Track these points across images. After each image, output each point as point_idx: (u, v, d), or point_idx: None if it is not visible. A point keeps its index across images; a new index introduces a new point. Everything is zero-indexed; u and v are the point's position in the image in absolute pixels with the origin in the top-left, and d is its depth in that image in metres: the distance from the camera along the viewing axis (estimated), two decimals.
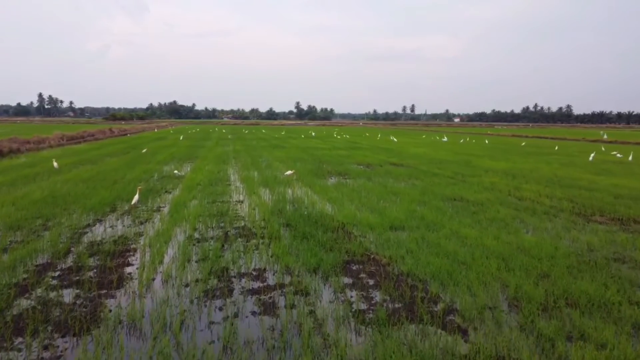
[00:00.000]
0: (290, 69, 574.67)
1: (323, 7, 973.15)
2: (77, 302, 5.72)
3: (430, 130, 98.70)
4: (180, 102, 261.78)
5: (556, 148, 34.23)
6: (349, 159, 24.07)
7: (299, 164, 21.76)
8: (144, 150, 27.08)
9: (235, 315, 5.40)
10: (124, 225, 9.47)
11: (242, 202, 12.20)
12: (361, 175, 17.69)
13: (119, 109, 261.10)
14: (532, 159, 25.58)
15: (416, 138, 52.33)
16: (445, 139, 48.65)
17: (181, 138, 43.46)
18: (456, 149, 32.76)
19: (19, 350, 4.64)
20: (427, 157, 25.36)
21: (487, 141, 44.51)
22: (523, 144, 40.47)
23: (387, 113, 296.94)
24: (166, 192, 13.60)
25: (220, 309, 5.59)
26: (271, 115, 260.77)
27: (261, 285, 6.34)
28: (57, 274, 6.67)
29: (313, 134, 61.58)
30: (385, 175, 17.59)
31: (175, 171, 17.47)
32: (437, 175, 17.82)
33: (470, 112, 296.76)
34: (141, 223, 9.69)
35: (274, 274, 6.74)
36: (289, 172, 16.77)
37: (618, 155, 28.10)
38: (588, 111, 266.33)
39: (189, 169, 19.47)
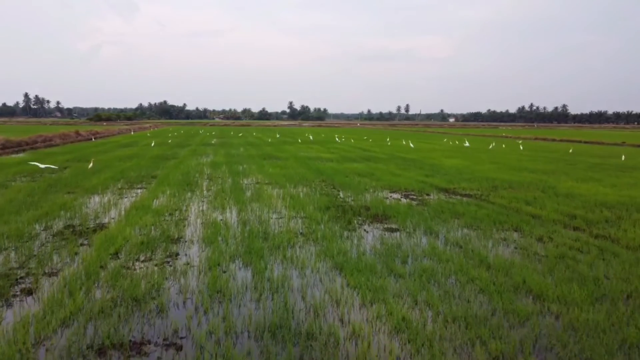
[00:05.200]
0: (283, 69, 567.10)
1: (316, 7, 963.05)
2: None
3: (433, 131, 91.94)
4: (171, 102, 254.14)
5: (623, 158, 27.14)
6: (372, 180, 16.74)
7: (302, 190, 14.44)
8: (90, 165, 19.57)
9: None
10: None
11: (179, 346, 4.80)
12: (410, 218, 10.39)
13: (109, 109, 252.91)
14: (628, 177, 18.38)
15: (433, 142, 45.06)
16: (466, 143, 41.51)
17: (152, 144, 35.85)
18: (500, 159, 25.53)
19: None
20: (480, 176, 18.10)
21: (521, 147, 37.37)
22: (571, 150, 33.36)
23: (381, 113, 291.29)
24: (23, 292, 6.16)
25: None
26: (264, 115, 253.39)
27: None
28: None
29: (311, 137, 54.19)
30: (453, 220, 10.31)
31: (89, 220, 10.01)
32: (544, 220, 10.51)
33: (465, 112, 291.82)
34: None
35: None
36: None
37: None
38: (583, 111, 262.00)
39: (128, 204, 12.05)
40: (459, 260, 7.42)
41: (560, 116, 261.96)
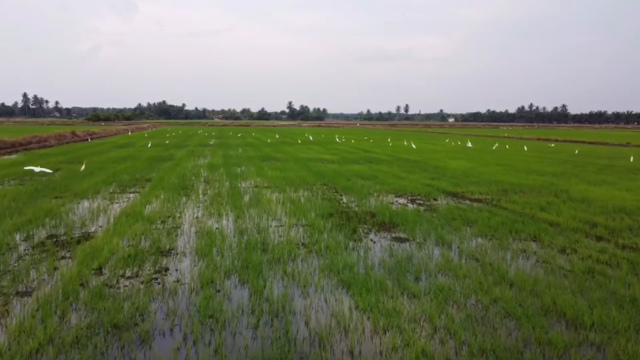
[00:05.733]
0: (282, 69, 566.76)
1: (315, 7, 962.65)
2: None
3: (434, 132, 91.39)
4: (170, 102, 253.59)
5: (631, 159, 26.47)
6: (376, 184, 16.05)
7: (302, 194, 13.76)
8: (82, 168, 18.88)
9: None
10: None
11: None
12: (419, 226, 9.70)
13: (107, 109, 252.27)
14: None
15: (435, 143, 44.37)
16: (469, 144, 40.83)
17: (149, 145, 35.12)
18: (506, 161, 24.84)
19: None
20: (488, 178, 17.40)
21: (525, 148, 36.67)
22: (576, 151, 32.65)
23: (380, 113, 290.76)
24: None
25: None
26: (263, 115, 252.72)
27: None
28: None
29: (311, 137, 53.51)
30: (466, 229, 9.62)
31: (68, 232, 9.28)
32: (563, 229, 9.82)
33: (464, 112, 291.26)
34: None
35: None
36: None
37: None
38: (582, 111, 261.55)
39: (118, 211, 11.34)
40: (478, 276, 6.72)
41: (560, 116, 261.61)
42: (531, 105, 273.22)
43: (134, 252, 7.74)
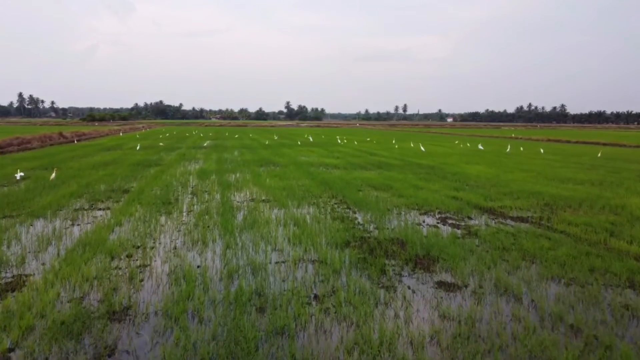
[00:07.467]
0: (279, 69, 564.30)
1: (313, 7, 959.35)
2: None
3: (436, 132, 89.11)
4: (167, 102, 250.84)
5: None
6: (393, 196, 13.65)
7: (308, 211, 11.37)
8: (52, 176, 16.41)
9: None
10: None
11: None
12: (466, 262, 7.35)
13: (104, 109, 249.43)
14: None
15: (443, 145, 41.93)
16: (480, 146, 38.46)
17: (138, 147, 32.59)
18: (529, 166, 22.43)
19: None
20: (520, 189, 15.01)
21: (542, 150, 34.29)
22: (599, 154, 30.25)
23: (379, 113, 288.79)
24: None
25: None
26: (261, 115, 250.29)
27: None
28: None
29: (311, 138, 51.05)
30: (528, 266, 7.25)
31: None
32: None
33: (463, 111, 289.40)
34: None
35: None
36: None
37: None
38: (581, 111, 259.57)
39: (77, 237, 8.91)
40: None
41: (559, 116, 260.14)
42: (530, 105, 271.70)
43: (73, 314, 5.34)
